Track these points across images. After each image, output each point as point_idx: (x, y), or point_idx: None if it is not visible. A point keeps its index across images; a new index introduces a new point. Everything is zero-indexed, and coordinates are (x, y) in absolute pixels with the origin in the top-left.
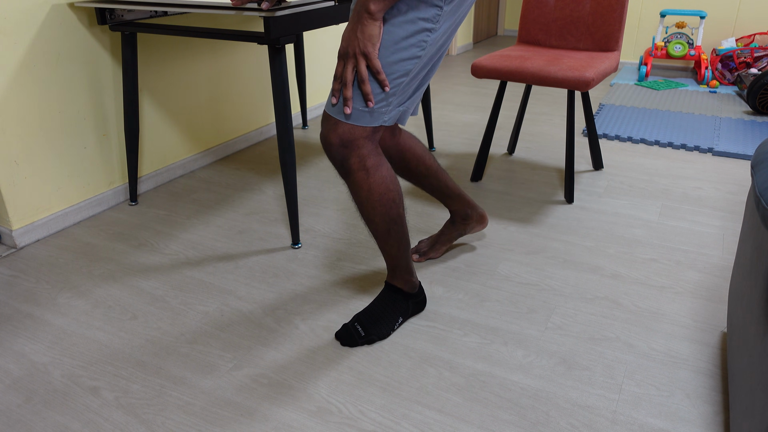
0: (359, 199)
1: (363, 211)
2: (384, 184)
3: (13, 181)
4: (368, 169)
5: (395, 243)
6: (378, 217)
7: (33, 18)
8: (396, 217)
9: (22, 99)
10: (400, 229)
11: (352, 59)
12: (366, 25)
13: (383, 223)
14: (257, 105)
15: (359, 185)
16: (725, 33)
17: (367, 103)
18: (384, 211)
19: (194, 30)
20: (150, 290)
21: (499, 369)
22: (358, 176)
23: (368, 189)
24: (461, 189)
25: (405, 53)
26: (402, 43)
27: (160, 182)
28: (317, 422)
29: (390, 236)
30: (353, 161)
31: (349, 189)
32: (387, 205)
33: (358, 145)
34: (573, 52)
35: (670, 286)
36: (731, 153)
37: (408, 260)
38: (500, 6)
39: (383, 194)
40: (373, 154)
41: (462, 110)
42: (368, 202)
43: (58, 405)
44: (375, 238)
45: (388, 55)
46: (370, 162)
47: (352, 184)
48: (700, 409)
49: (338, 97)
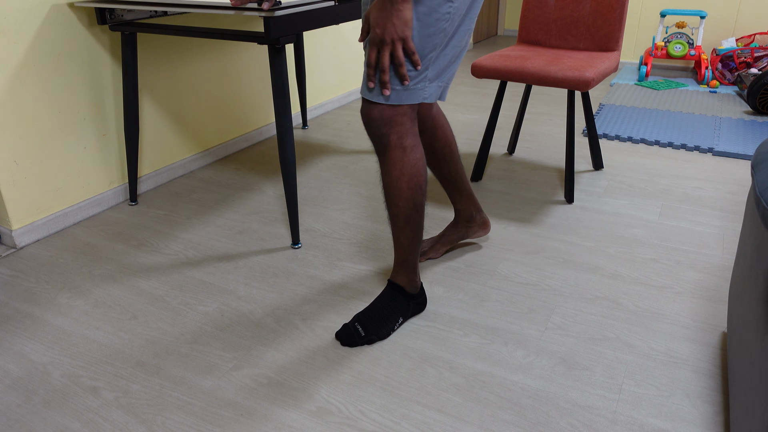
0: (390, 178)
1: (389, 192)
2: (416, 166)
3: (13, 181)
4: (405, 147)
5: (411, 233)
6: (402, 201)
7: (33, 18)
8: (418, 206)
9: (22, 99)
10: (418, 220)
11: (389, 46)
12: (402, 11)
13: (406, 208)
14: (257, 105)
15: (393, 163)
16: (725, 33)
17: (402, 82)
18: (410, 194)
19: (194, 30)
20: (150, 290)
21: (499, 369)
22: (394, 154)
23: (401, 168)
24: (473, 191)
25: (431, 29)
26: (426, 20)
27: (160, 182)
28: (317, 422)
29: (408, 225)
30: (393, 138)
31: (381, 167)
32: (414, 189)
33: (398, 122)
34: (573, 52)
35: (670, 286)
36: (731, 153)
37: (416, 258)
38: (500, 6)
39: (413, 177)
40: (411, 133)
41: (462, 110)
42: (398, 183)
43: (58, 405)
44: (392, 225)
45: (416, 35)
46: (407, 141)
47: (387, 161)
48: (700, 409)
49: (375, 82)
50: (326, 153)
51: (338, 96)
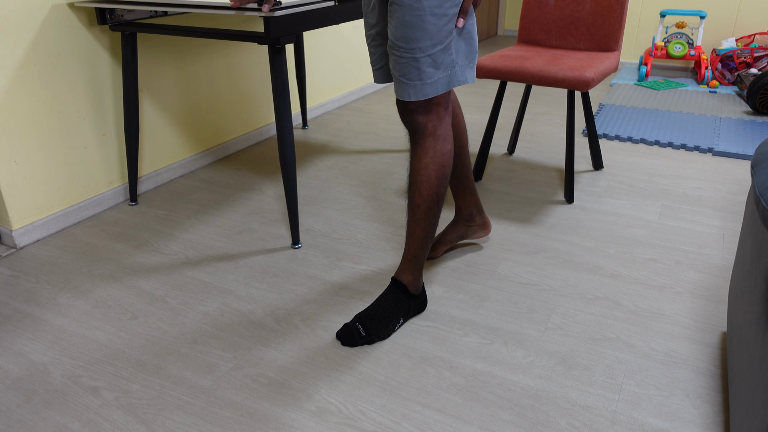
0: (420, 164)
1: (417, 179)
2: (446, 156)
3: (13, 181)
4: (438, 136)
5: (427, 227)
6: (428, 191)
7: (33, 18)
8: (440, 198)
9: (22, 99)
10: (436, 215)
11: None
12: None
13: (429, 199)
14: (257, 105)
15: (425, 150)
16: (725, 33)
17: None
18: (436, 184)
19: (194, 30)
20: (150, 290)
21: (499, 369)
22: (428, 141)
23: (432, 156)
24: (476, 189)
25: (444, 18)
26: (437, 11)
27: (160, 182)
28: (317, 422)
29: (427, 217)
30: (429, 126)
31: (413, 154)
32: (440, 179)
33: (433, 110)
34: (573, 52)
35: (670, 286)
36: (731, 153)
37: (425, 257)
38: (500, 6)
39: (442, 167)
40: (446, 123)
41: (462, 110)
42: (427, 170)
43: (58, 405)
44: (411, 215)
45: (431, 27)
46: (441, 130)
47: (419, 148)
48: (700, 409)
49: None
50: (326, 153)
51: (338, 96)
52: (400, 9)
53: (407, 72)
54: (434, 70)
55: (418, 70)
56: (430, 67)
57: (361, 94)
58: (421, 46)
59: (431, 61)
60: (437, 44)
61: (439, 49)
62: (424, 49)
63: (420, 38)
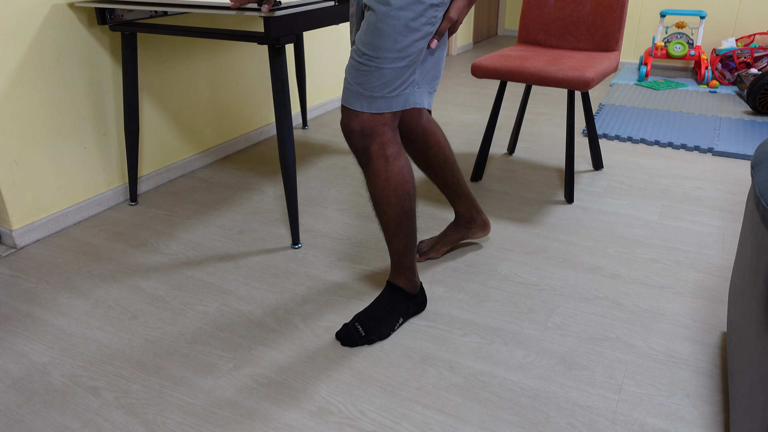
0: (375, 188)
1: (377, 202)
2: (401, 174)
3: (13, 181)
4: (388, 157)
5: (404, 238)
6: (391, 209)
7: (33, 18)
8: (408, 211)
9: (22, 99)
10: (409, 225)
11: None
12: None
13: (395, 215)
14: (257, 105)
15: (377, 173)
16: (725, 33)
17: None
18: (398, 202)
19: (194, 30)
20: (150, 290)
21: (499, 369)
22: (377, 164)
23: (386, 178)
24: (471, 192)
25: (417, 34)
26: (412, 25)
27: (160, 182)
28: (317, 422)
29: (400, 230)
30: (374, 149)
31: (366, 178)
32: (401, 197)
33: (378, 132)
34: (573, 52)
35: (670, 286)
36: (731, 153)
37: (413, 259)
38: (500, 6)
39: (399, 185)
40: (393, 142)
41: (462, 110)
42: (384, 192)
43: (58, 405)
44: (384, 231)
45: (402, 40)
46: (390, 150)
47: (371, 172)
48: (700, 409)
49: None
50: (326, 153)
51: (338, 96)
52: (374, 16)
53: (366, 81)
54: (393, 86)
55: (378, 81)
56: (391, 82)
57: None
58: (388, 57)
59: (394, 75)
60: (404, 58)
61: (403, 65)
62: (389, 60)
63: (387, 48)
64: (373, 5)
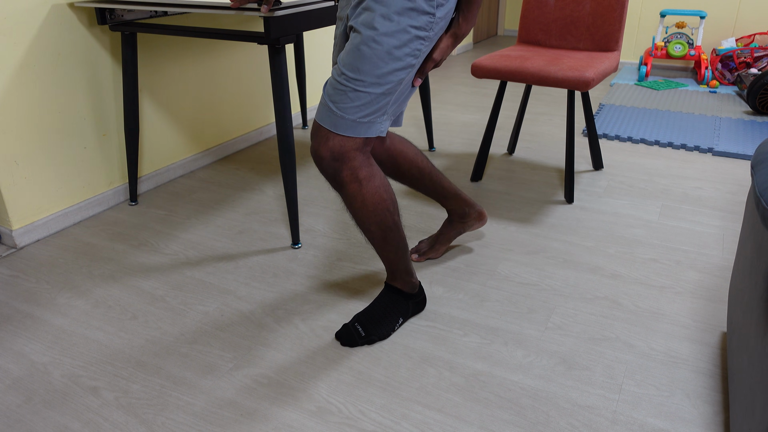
0: (353, 210)
1: (358, 221)
2: (378, 194)
3: (13, 181)
4: (361, 180)
5: (393, 249)
6: (373, 226)
7: (33, 18)
8: (392, 225)
9: (22, 99)
10: (396, 236)
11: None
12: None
13: (379, 231)
14: (257, 105)
15: (353, 197)
16: (725, 33)
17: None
18: (379, 220)
19: (194, 30)
20: (150, 290)
21: (499, 369)
22: (350, 188)
23: (362, 200)
24: (457, 188)
25: (399, 63)
26: (395, 53)
27: (160, 182)
28: (317, 422)
29: (387, 243)
30: (345, 174)
31: (343, 200)
32: (382, 215)
33: (349, 157)
34: (573, 52)
35: (670, 286)
36: (731, 153)
37: (407, 263)
38: (500, 6)
39: (377, 204)
40: (365, 165)
41: (462, 110)
42: (362, 212)
43: (58, 405)
44: (372, 245)
45: (383, 66)
46: (362, 173)
47: (346, 197)
48: (700, 409)
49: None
50: None
51: None
52: (359, 38)
53: (341, 100)
54: (366, 111)
55: (352, 102)
56: (364, 106)
57: None
58: (365, 80)
59: (368, 99)
60: (382, 85)
61: (380, 92)
62: (367, 84)
63: (367, 72)
64: (359, 28)
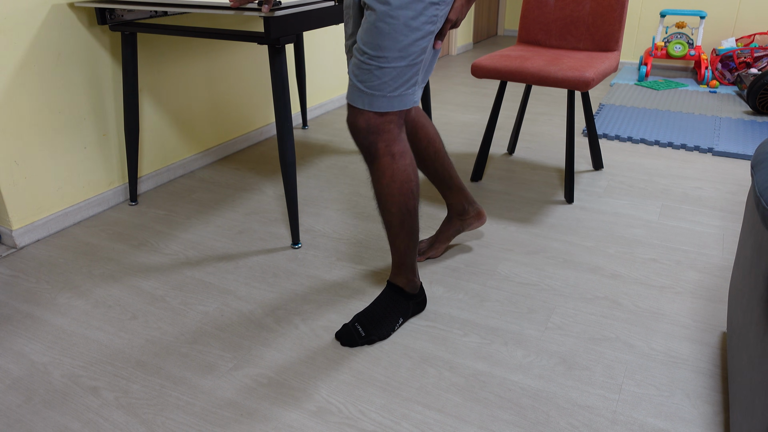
0: (380, 186)
1: (381, 199)
2: (406, 173)
3: (13, 181)
4: (394, 154)
5: (406, 237)
6: (395, 207)
7: (33, 18)
8: (412, 210)
9: (22, 99)
10: (412, 224)
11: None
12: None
13: (399, 214)
14: (257, 105)
15: (383, 171)
16: (725, 33)
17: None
18: (402, 200)
19: (194, 30)
20: (150, 290)
21: (499, 369)
22: (383, 161)
23: (391, 175)
24: (463, 183)
25: (418, 33)
26: (413, 24)
27: (160, 182)
28: (317, 422)
29: (403, 229)
30: (381, 146)
31: (372, 175)
32: (406, 195)
33: (385, 129)
34: (573, 52)
35: (670, 286)
36: (731, 153)
37: (414, 259)
38: (500, 6)
39: (404, 183)
40: (399, 140)
41: (462, 110)
42: (388, 190)
43: (58, 405)
44: (387, 230)
45: (402, 39)
46: (396, 148)
47: (376, 170)
48: (700, 409)
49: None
50: (326, 153)
51: (338, 96)
52: (374, 15)
53: (367, 79)
54: (395, 85)
55: (379, 80)
56: (392, 81)
57: None
58: (388, 56)
59: (395, 74)
60: (405, 57)
61: (405, 64)
62: (390, 60)
63: (389, 48)
64: (372, 5)
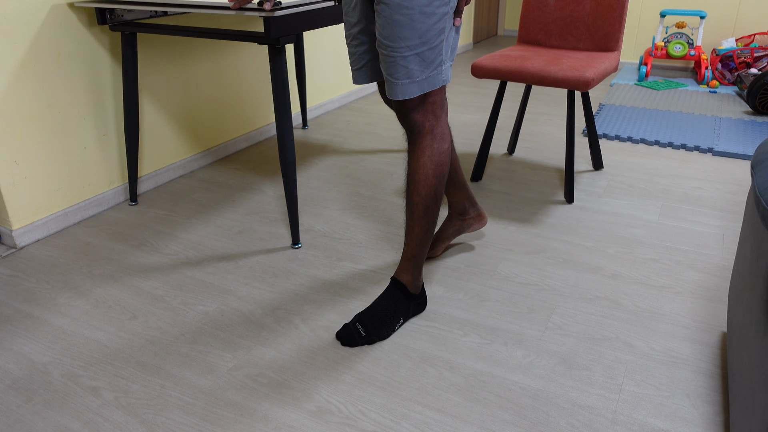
0: (418, 163)
1: (415, 178)
2: (443, 156)
3: (13, 181)
4: (435, 135)
5: (426, 225)
6: (425, 190)
7: (33, 18)
8: (439, 197)
9: (22, 99)
10: (434, 214)
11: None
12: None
13: (426, 198)
14: (257, 105)
15: (423, 149)
16: (725, 33)
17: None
18: (434, 183)
19: (194, 30)
20: (150, 290)
21: (499, 369)
22: (425, 140)
23: (429, 155)
24: (467, 183)
25: (434, 17)
26: (427, 10)
27: (160, 182)
28: (317, 422)
29: (426, 216)
30: (426, 124)
31: (411, 153)
32: (438, 178)
33: (429, 109)
34: (573, 52)
35: (670, 286)
36: (731, 153)
37: (424, 256)
38: (500, 6)
39: (440, 165)
40: (443, 122)
41: (462, 110)
42: (423, 169)
43: (58, 405)
44: (410, 214)
45: (420, 26)
46: (439, 129)
47: (417, 147)
48: (700, 409)
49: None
50: (326, 153)
51: (338, 96)
52: (388, 8)
53: (394, 71)
54: (422, 69)
55: (405, 68)
56: (418, 66)
57: (361, 94)
58: (410, 45)
59: (419, 59)
60: (426, 42)
61: (427, 48)
62: (412, 47)
63: (409, 37)
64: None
